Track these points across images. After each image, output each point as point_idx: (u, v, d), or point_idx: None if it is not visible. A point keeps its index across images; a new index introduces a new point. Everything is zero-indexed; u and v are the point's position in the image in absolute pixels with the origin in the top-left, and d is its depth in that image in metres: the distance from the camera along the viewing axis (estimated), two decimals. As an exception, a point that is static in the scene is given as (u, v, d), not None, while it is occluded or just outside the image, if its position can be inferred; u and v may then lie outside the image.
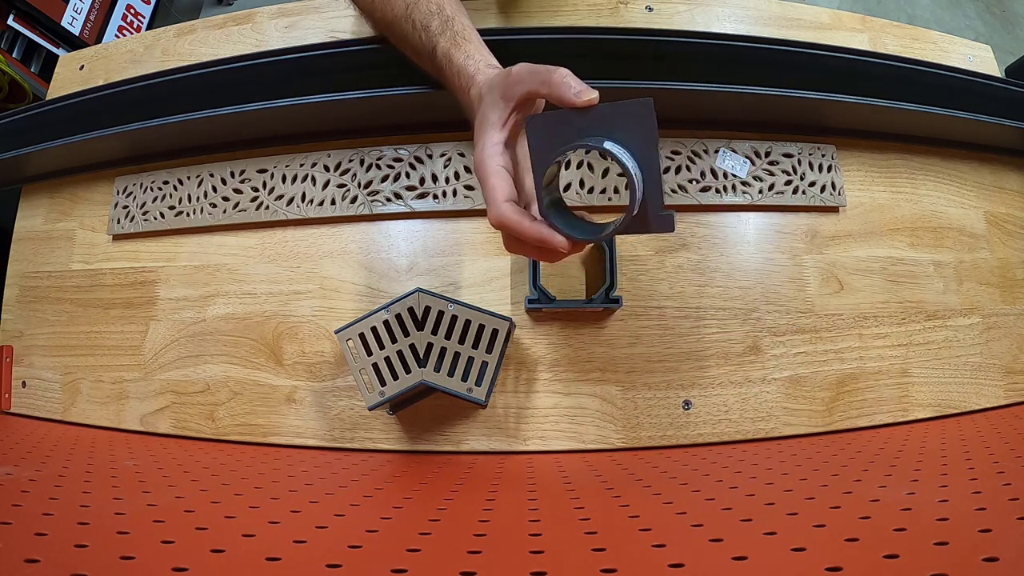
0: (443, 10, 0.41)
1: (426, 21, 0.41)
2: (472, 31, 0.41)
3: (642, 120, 0.28)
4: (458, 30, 0.40)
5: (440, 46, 0.40)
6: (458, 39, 0.39)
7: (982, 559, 0.21)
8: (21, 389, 0.63)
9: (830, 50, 0.53)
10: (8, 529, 0.26)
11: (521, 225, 0.30)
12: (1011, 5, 1.71)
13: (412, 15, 0.42)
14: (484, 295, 0.55)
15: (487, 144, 0.33)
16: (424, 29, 0.41)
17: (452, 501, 0.35)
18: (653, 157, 0.28)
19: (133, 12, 1.66)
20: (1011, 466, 0.36)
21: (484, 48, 0.40)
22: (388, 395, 0.45)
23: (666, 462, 0.47)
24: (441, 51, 0.40)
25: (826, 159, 0.58)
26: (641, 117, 0.27)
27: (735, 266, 0.56)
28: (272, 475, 0.44)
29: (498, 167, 0.32)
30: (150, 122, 0.56)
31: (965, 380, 0.57)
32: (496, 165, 0.32)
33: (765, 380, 0.54)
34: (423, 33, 0.41)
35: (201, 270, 0.59)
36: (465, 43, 0.39)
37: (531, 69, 0.31)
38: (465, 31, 0.40)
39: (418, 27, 0.41)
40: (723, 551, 0.24)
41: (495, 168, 0.32)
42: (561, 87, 0.29)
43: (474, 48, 0.39)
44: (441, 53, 0.40)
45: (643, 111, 0.27)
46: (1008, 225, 0.63)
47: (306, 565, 0.24)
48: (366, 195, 0.56)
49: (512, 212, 0.30)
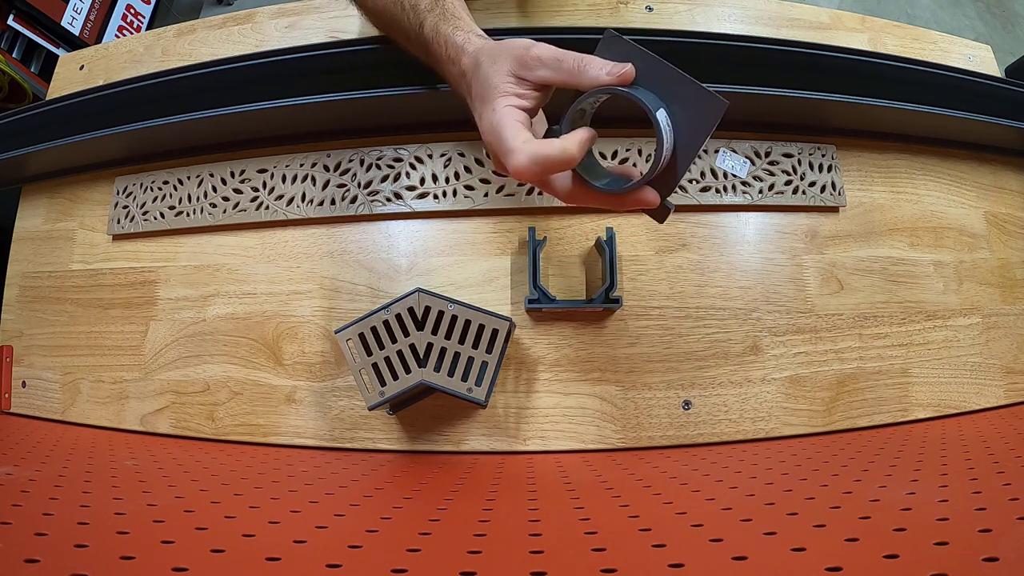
0: None
1: (415, 1, 0.40)
2: (463, 9, 0.39)
3: (708, 114, 0.27)
4: (448, 7, 0.39)
5: (428, 21, 0.39)
6: (447, 14, 0.38)
7: (982, 559, 0.21)
8: (21, 389, 0.63)
9: (830, 50, 0.53)
10: (8, 529, 0.26)
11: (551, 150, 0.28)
12: (1011, 5, 1.71)
13: None
14: (484, 295, 0.55)
15: (499, 104, 0.30)
16: (413, 9, 0.40)
17: (452, 501, 0.35)
18: (693, 149, 0.27)
19: (133, 12, 1.66)
20: (1011, 466, 0.36)
21: (473, 22, 0.38)
22: (388, 395, 0.45)
23: (666, 462, 0.47)
24: (429, 26, 0.38)
25: (826, 159, 0.58)
26: (709, 111, 0.26)
27: (735, 266, 0.56)
28: (272, 475, 0.44)
29: (514, 121, 0.29)
30: (150, 122, 0.56)
31: (965, 380, 0.57)
32: (512, 120, 0.29)
33: (765, 380, 0.54)
34: (412, 13, 0.40)
35: (201, 270, 0.59)
36: (454, 18, 0.38)
37: (556, 58, 0.29)
38: (455, 8, 0.39)
39: (407, 7, 0.40)
40: (723, 551, 0.24)
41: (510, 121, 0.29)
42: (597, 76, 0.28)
43: (464, 23, 0.38)
44: (429, 28, 0.38)
45: (714, 108, 0.26)
46: (1008, 225, 0.63)
47: (306, 565, 0.24)
48: (366, 195, 0.56)
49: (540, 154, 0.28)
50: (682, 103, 0.27)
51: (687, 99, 0.27)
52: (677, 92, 0.27)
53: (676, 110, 0.27)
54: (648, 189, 0.30)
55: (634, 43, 0.28)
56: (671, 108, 0.27)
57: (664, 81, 0.27)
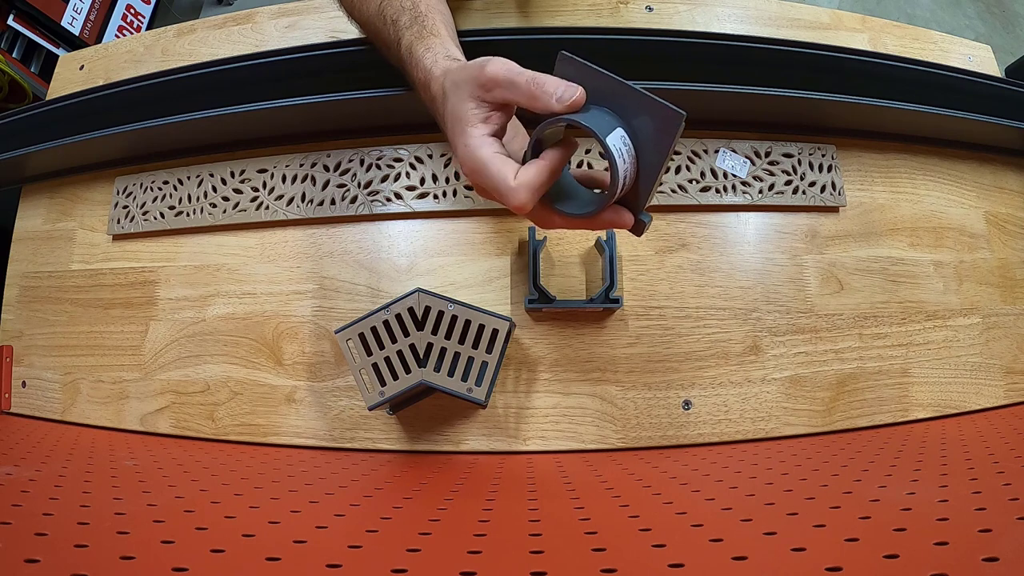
0: (416, 6, 0.40)
1: (396, 16, 0.40)
2: (443, 27, 0.39)
3: (667, 127, 0.26)
4: (427, 25, 0.38)
5: (404, 40, 0.38)
6: (424, 32, 0.37)
7: (982, 559, 0.21)
8: (21, 389, 0.63)
9: (830, 50, 0.53)
10: (8, 529, 0.26)
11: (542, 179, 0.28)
12: (1011, 5, 1.71)
13: (384, 11, 0.41)
14: (484, 295, 0.55)
15: (472, 137, 0.30)
16: (393, 23, 0.40)
17: (452, 501, 0.35)
18: (658, 164, 0.27)
19: (133, 12, 1.66)
20: (1011, 466, 0.36)
21: (451, 42, 0.38)
22: (388, 395, 0.45)
23: (666, 462, 0.47)
24: (404, 45, 0.38)
25: (826, 159, 0.58)
26: (668, 124, 0.26)
27: (735, 266, 0.56)
28: (272, 475, 0.44)
29: (494, 154, 0.29)
30: (150, 122, 0.56)
31: (965, 380, 0.57)
32: (492, 153, 0.29)
33: (765, 380, 0.54)
34: (392, 28, 0.40)
35: (201, 270, 0.59)
36: (430, 37, 0.37)
37: (511, 80, 0.28)
38: (435, 26, 0.38)
39: (388, 22, 0.40)
40: (723, 551, 0.24)
41: (489, 155, 0.29)
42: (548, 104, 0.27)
43: (438, 42, 0.37)
44: (404, 47, 0.38)
45: (671, 121, 0.26)
46: (1008, 225, 0.63)
47: (306, 565, 0.24)
48: (366, 195, 0.56)
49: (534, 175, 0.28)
50: (641, 119, 0.27)
51: (645, 114, 0.27)
52: (635, 108, 0.27)
53: (636, 126, 0.27)
54: (620, 210, 0.30)
55: (587, 64, 0.28)
56: (631, 125, 0.27)
57: (621, 98, 0.27)
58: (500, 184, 0.28)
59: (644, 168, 0.28)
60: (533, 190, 0.28)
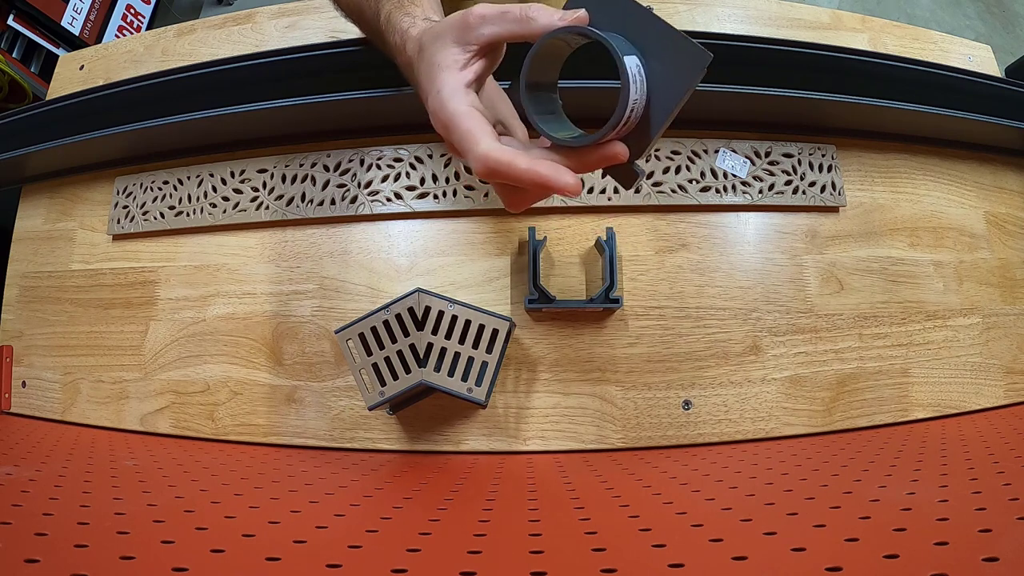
0: None
1: None
2: None
3: (689, 67, 0.23)
4: None
5: (384, 10, 0.36)
6: (404, 2, 0.35)
7: (982, 559, 0.21)
8: (21, 389, 0.63)
9: (830, 50, 0.53)
10: (8, 529, 0.26)
11: (515, 165, 0.24)
12: (1011, 5, 1.71)
13: None
14: (484, 295, 0.55)
15: (444, 86, 0.26)
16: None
17: (452, 501, 0.35)
18: (670, 106, 0.24)
19: (133, 12, 1.66)
20: (1011, 466, 0.36)
21: (432, 10, 0.35)
22: (388, 395, 0.45)
23: (666, 462, 0.47)
24: (384, 15, 0.36)
25: (826, 159, 0.58)
26: (690, 64, 0.23)
27: (735, 266, 0.56)
28: (272, 475, 0.44)
29: (467, 107, 0.26)
30: (150, 122, 0.56)
31: (965, 380, 0.57)
32: (464, 106, 0.26)
33: (765, 380, 0.54)
34: (374, 2, 0.38)
35: (201, 270, 0.59)
36: (410, 4, 0.35)
37: (501, 11, 0.26)
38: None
39: None
40: (723, 551, 0.24)
41: (463, 109, 0.26)
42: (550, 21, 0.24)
43: (419, 10, 0.34)
44: (383, 17, 0.36)
45: (696, 61, 0.23)
46: (1008, 225, 0.63)
47: (306, 565, 0.24)
48: (366, 195, 0.56)
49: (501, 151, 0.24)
50: (660, 55, 0.24)
51: (666, 50, 0.24)
52: (655, 42, 0.24)
53: (653, 63, 0.24)
54: (616, 142, 0.26)
55: None
56: (647, 60, 0.24)
57: (641, 29, 0.24)
58: (465, 145, 0.26)
59: (654, 109, 0.25)
60: (496, 172, 0.25)
